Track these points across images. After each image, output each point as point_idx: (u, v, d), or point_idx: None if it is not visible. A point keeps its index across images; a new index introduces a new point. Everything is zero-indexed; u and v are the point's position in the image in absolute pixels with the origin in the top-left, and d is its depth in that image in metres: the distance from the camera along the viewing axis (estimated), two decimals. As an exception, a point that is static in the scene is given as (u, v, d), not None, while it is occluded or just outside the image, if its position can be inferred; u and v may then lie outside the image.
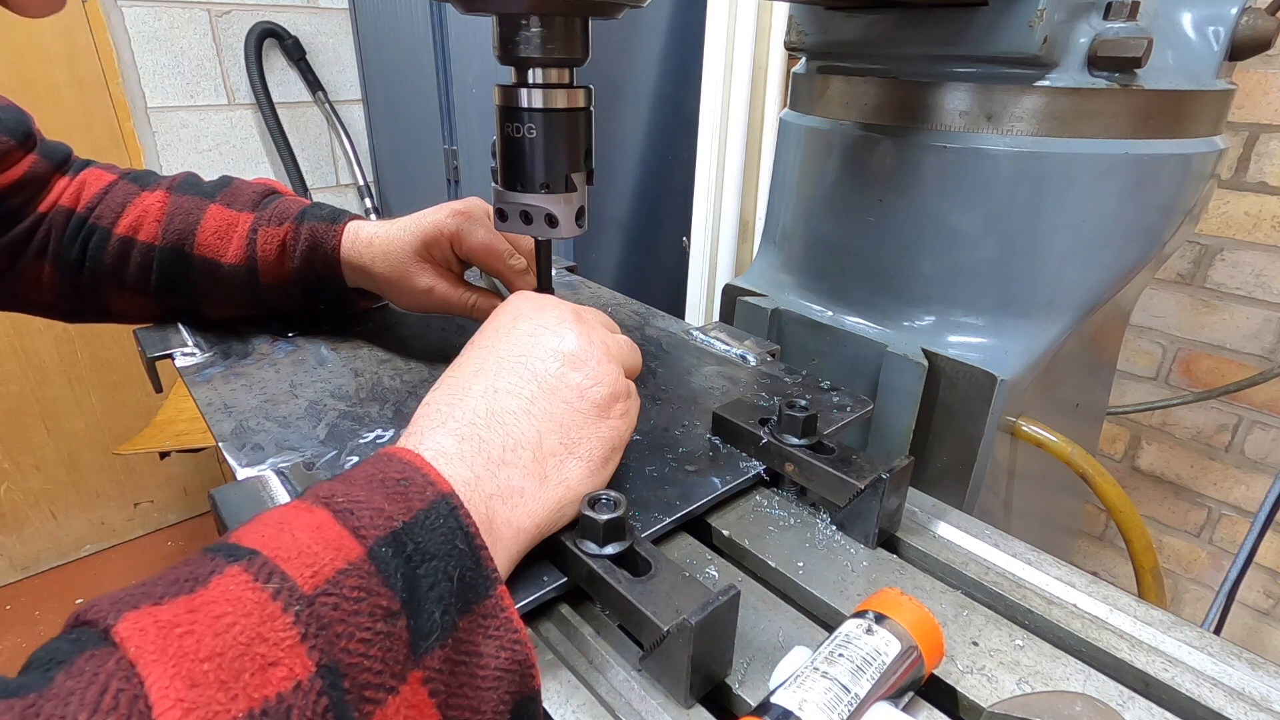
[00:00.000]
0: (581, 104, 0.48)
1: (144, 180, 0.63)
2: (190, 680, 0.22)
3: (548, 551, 0.40)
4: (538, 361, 0.39)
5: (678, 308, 1.40)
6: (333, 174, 2.04)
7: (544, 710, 0.34)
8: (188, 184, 0.64)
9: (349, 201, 2.08)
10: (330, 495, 0.30)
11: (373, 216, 2.01)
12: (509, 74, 0.47)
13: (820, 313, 0.74)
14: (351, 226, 0.62)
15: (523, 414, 0.37)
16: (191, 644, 0.23)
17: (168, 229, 0.61)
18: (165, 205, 0.61)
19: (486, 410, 0.37)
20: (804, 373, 0.63)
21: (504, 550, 0.34)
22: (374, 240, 0.62)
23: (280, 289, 0.63)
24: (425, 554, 0.28)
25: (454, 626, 0.28)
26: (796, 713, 0.30)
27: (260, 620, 0.24)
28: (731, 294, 0.79)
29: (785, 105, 0.95)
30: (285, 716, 0.23)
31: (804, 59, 0.75)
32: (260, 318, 0.67)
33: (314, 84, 1.90)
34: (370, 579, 0.27)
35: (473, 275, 0.67)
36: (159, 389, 0.65)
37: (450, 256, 0.62)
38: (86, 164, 0.64)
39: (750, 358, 0.66)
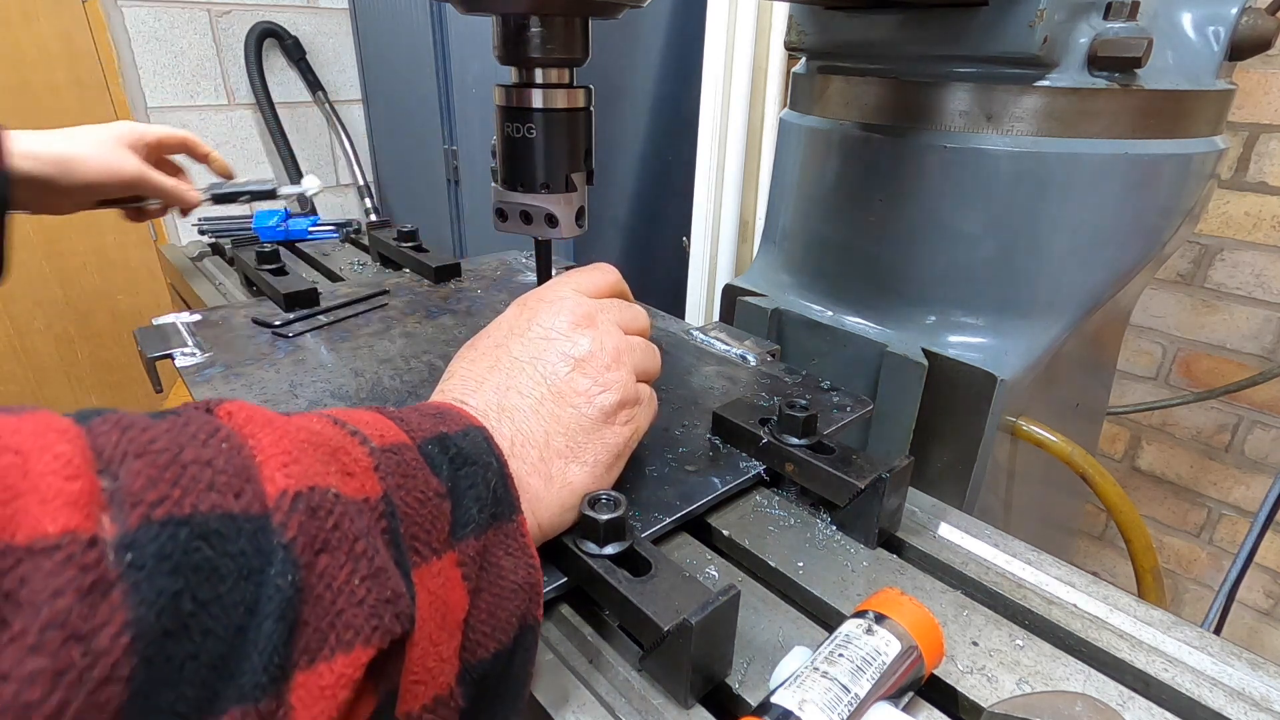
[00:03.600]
0: (581, 104, 0.48)
1: None
2: (292, 451, 0.23)
3: (548, 552, 0.40)
4: (548, 365, 0.39)
5: (678, 308, 1.40)
6: (333, 174, 2.03)
7: (544, 710, 0.34)
8: None
9: (349, 201, 2.08)
10: (379, 408, 0.32)
11: (373, 216, 2.02)
12: (509, 74, 0.47)
13: (820, 313, 0.74)
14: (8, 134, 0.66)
15: (531, 413, 0.37)
16: (291, 428, 0.25)
17: None
18: None
19: (498, 404, 0.37)
20: (804, 373, 0.63)
21: None
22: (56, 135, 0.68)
23: None
24: (466, 458, 0.30)
25: (486, 527, 0.29)
26: (796, 713, 0.30)
27: (341, 442, 0.26)
28: (731, 294, 0.80)
29: (785, 105, 0.95)
30: (359, 513, 0.24)
31: (804, 59, 0.75)
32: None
33: (314, 84, 1.90)
34: (421, 465, 0.28)
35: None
36: (159, 389, 0.65)
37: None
38: None
39: (750, 358, 0.66)
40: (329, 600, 0.22)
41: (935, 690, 0.36)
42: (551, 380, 0.39)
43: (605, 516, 0.37)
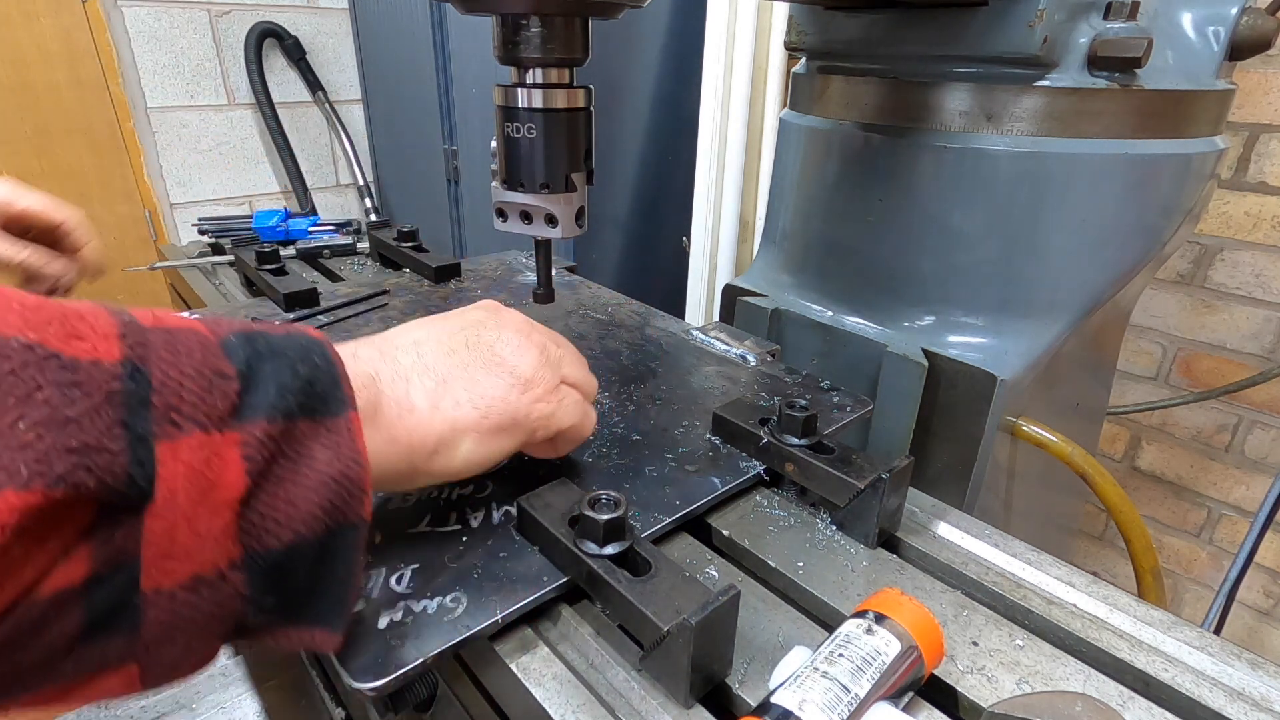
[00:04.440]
0: (581, 104, 0.48)
1: None
2: None
3: (548, 551, 0.40)
4: (475, 330, 0.42)
5: (678, 308, 1.40)
6: (333, 174, 2.04)
7: (544, 710, 0.34)
8: None
9: (349, 201, 2.08)
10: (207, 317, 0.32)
11: (372, 216, 2.02)
12: (509, 74, 0.47)
13: (820, 313, 0.74)
14: None
15: (443, 354, 0.39)
16: (11, 295, 0.24)
17: None
18: None
19: (414, 340, 0.39)
20: (804, 373, 0.63)
21: (381, 442, 0.34)
22: None
23: None
24: (275, 351, 0.30)
25: (292, 415, 0.29)
26: (796, 713, 0.30)
27: (87, 312, 0.25)
28: (731, 294, 0.80)
29: (785, 105, 0.95)
30: (73, 371, 0.23)
31: (804, 59, 0.75)
32: None
33: (314, 84, 1.90)
34: (211, 349, 0.28)
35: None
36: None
37: None
38: None
39: (750, 358, 0.66)
40: None
41: (935, 690, 0.36)
42: (473, 341, 0.41)
43: (605, 516, 0.37)
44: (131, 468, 0.24)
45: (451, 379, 0.38)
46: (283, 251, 0.95)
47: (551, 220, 0.51)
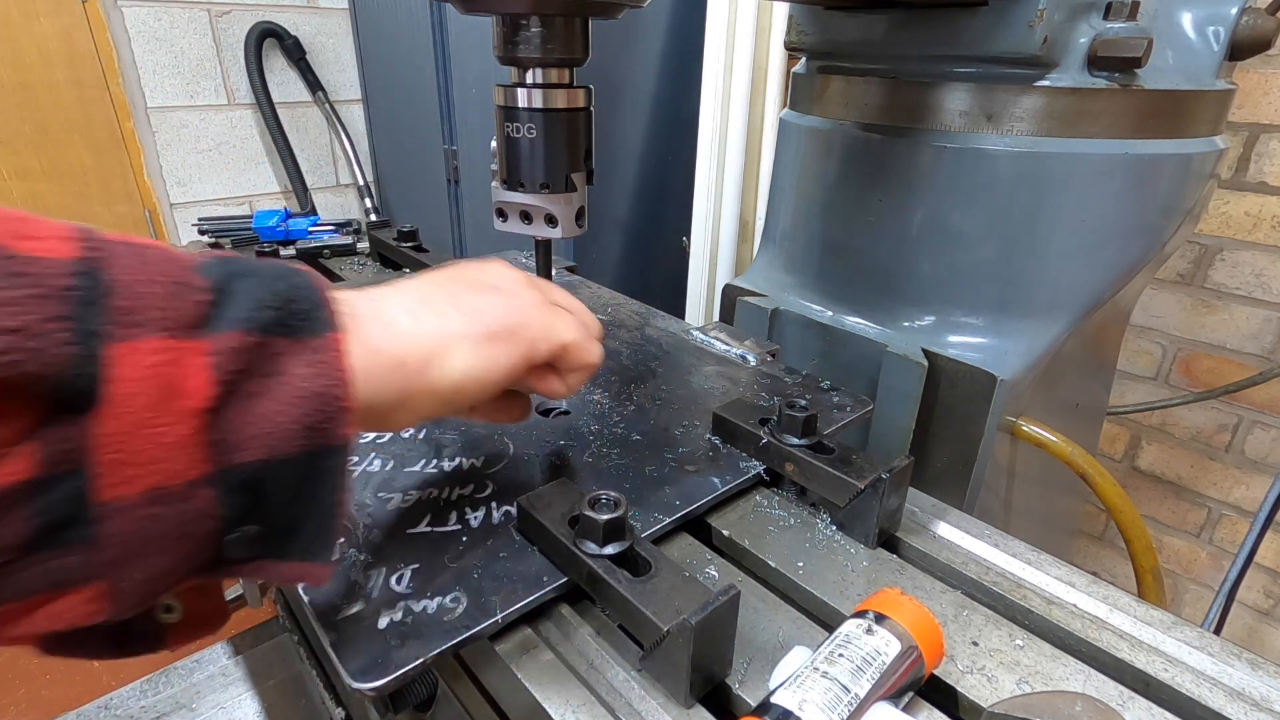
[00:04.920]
0: (581, 104, 0.48)
1: None
2: None
3: (547, 551, 0.40)
4: (453, 272, 0.40)
5: (678, 308, 1.40)
6: (333, 174, 2.04)
7: (544, 710, 0.34)
8: None
9: (349, 201, 2.08)
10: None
11: (372, 216, 2.02)
12: (509, 74, 0.47)
13: (820, 313, 0.74)
14: None
15: (422, 287, 0.37)
16: None
17: None
18: None
19: (390, 288, 0.37)
20: (804, 373, 0.63)
21: (363, 353, 0.32)
22: None
23: None
24: (251, 271, 0.29)
25: (268, 329, 0.28)
26: (796, 713, 0.30)
27: (48, 220, 0.25)
28: (731, 294, 0.80)
29: (785, 105, 0.95)
30: (21, 265, 0.23)
31: (804, 59, 0.75)
32: None
33: (314, 84, 1.90)
34: (183, 264, 0.27)
35: None
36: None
37: None
38: None
39: (750, 358, 0.66)
40: None
41: (935, 690, 0.36)
42: (455, 276, 0.39)
43: (605, 516, 0.37)
44: (76, 360, 0.23)
45: (433, 298, 0.37)
46: (283, 251, 0.96)
47: (551, 220, 0.51)
